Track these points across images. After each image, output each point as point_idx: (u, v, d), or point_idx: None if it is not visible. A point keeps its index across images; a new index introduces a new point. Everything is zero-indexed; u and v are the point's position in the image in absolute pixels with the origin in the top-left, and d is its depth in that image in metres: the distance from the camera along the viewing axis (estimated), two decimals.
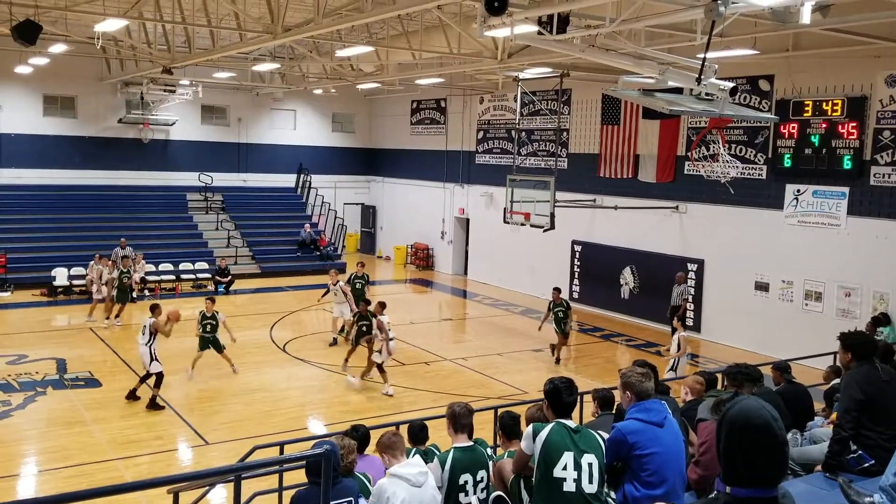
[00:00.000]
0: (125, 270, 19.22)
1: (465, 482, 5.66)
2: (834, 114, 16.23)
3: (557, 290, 17.71)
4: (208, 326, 14.76)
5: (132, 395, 13.30)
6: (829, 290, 16.56)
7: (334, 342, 17.50)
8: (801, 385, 8.66)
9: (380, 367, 14.25)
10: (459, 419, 5.86)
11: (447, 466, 5.62)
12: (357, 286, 17.99)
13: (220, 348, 14.87)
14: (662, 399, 6.43)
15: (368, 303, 15.59)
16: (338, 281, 17.84)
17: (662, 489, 4.79)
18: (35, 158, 26.09)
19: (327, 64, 21.87)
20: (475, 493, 5.71)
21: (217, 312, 14.87)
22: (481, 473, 5.76)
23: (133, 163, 27.84)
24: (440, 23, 16.09)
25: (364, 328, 15.01)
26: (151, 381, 13.10)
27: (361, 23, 14.28)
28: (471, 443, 5.85)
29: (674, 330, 15.00)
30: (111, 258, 21.66)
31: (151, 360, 13.03)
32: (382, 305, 14.95)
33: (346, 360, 15.29)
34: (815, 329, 16.08)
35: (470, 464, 5.71)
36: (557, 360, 16.93)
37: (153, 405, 12.99)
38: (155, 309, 13.53)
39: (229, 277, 23.84)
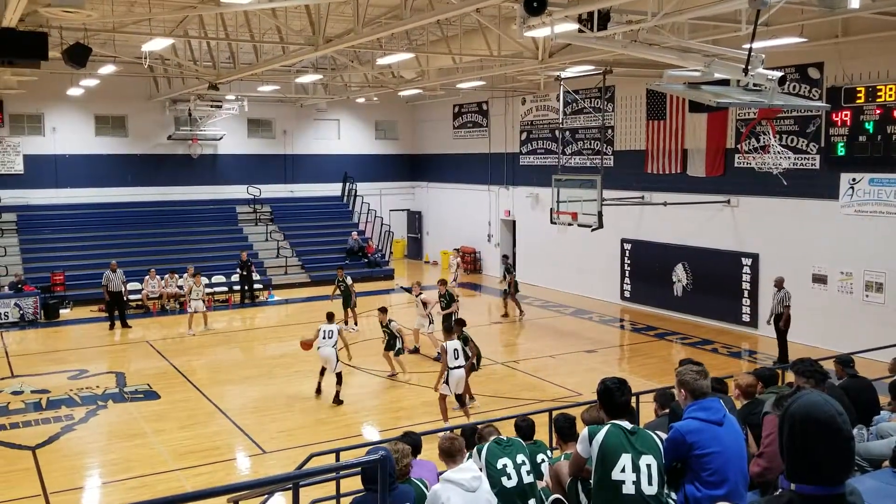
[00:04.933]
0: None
1: (504, 465, 5.97)
2: (888, 99, 15.75)
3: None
4: (387, 334, 15.74)
5: (318, 391, 14.66)
6: (890, 281, 16.06)
7: (416, 350, 17.71)
8: (865, 378, 8.40)
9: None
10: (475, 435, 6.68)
11: (483, 454, 6.05)
12: (441, 305, 17.96)
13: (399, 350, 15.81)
14: (720, 398, 6.29)
15: (463, 323, 14.23)
16: (420, 293, 17.68)
17: (724, 489, 4.69)
18: (89, 178, 26.80)
19: (369, 72, 22.01)
20: (518, 476, 5.97)
21: (392, 320, 15.74)
22: (521, 457, 6.09)
23: (183, 178, 28.44)
24: (479, 26, 16.05)
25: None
26: (334, 379, 14.31)
27: (401, 30, 14.29)
28: (506, 438, 6.36)
29: None
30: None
31: (337, 361, 14.31)
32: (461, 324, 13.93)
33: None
34: (878, 320, 15.64)
35: (507, 450, 6.09)
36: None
37: (337, 400, 14.16)
38: (332, 318, 15.16)
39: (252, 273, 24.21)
